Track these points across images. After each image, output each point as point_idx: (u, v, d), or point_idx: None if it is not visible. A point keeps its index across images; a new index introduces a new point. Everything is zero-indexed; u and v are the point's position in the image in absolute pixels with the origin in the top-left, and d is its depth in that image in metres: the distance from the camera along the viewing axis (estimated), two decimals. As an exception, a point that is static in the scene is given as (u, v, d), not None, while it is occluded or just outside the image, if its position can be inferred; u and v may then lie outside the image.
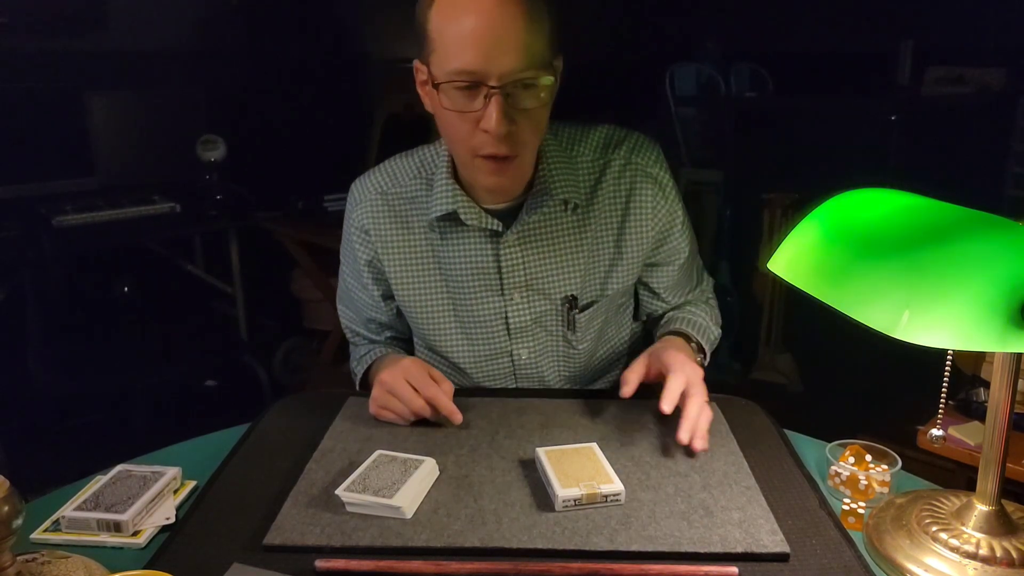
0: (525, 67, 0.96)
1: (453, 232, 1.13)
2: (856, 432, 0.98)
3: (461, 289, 1.15)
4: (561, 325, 1.18)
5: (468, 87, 0.97)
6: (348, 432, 1.01)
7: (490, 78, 0.96)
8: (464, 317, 1.17)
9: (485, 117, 0.97)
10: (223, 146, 2.78)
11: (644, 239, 1.16)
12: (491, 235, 1.12)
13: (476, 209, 1.10)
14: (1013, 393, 0.73)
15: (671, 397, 0.96)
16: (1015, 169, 2.88)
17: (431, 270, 1.16)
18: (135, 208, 2.61)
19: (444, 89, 0.98)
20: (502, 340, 1.18)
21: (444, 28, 0.97)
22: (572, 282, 1.15)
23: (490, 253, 1.13)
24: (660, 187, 1.15)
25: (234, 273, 2.87)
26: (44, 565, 0.68)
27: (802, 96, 3.34)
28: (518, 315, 1.16)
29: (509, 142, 1.00)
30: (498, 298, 1.15)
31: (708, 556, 0.76)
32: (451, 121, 1.01)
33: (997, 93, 2.97)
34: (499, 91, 0.96)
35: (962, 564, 0.73)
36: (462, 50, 0.95)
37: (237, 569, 0.73)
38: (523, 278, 1.14)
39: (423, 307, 1.18)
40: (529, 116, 1.00)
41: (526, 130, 1.01)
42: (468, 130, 1.00)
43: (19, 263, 2.40)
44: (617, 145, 1.15)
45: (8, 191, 2.53)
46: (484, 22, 0.94)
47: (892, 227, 0.70)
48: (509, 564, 0.74)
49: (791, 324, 2.76)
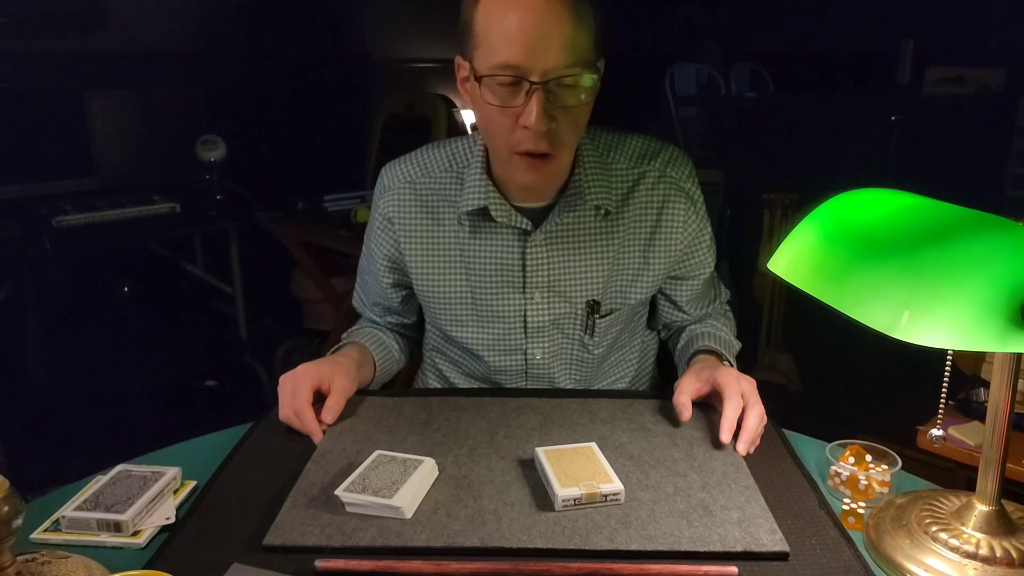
0: (569, 64, 0.96)
1: (481, 227, 1.14)
2: (856, 432, 0.98)
3: (482, 283, 1.16)
4: (579, 329, 1.18)
5: (511, 82, 0.97)
6: (348, 432, 1.01)
7: (533, 73, 0.96)
8: (482, 311, 1.18)
9: (525, 113, 0.98)
10: (223, 146, 2.78)
11: (672, 252, 1.16)
12: (519, 233, 1.13)
13: (507, 206, 1.11)
14: (1013, 393, 0.73)
15: (729, 426, 0.96)
16: (1015, 169, 2.88)
17: (454, 262, 1.17)
18: (135, 208, 2.61)
19: (487, 83, 0.99)
20: (518, 338, 1.18)
21: (490, 23, 0.97)
22: (595, 287, 1.15)
23: (516, 251, 1.13)
24: (692, 202, 1.16)
25: (234, 273, 2.87)
26: (44, 565, 0.68)
27: (802, 96, 3.35)
28: (537, 315, 1.16)
29: (548, 139, 1.00)
30: (519, 296, 1.16)
31: (707, 555, 0.76)
32: (491, 116, 1.02)
33: (997, 93, 2.97)
34: (541, 87, 0.96)
35: (962, 564, 0.73)
36: (507, 44, 0.96)
37: (237, 569, 0.73)
38: (546, 279, 1.14)
39: (442, 298, 1.19)
40: (569, 114, 1.00)
41: (565, 129, 1.01)
42: (508, 125, 1.01)
43: (19, 263, 2.40)
44: (653, 156, 1.15)
45: (8, 191, 2.53)
46: (530, 17, 0.95)
47: (892, 227, 0.70)
48: (509, 564, 0.74)
49: (791, 324, 2.76)
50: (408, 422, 1.03)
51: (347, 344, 1.22)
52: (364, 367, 1.17)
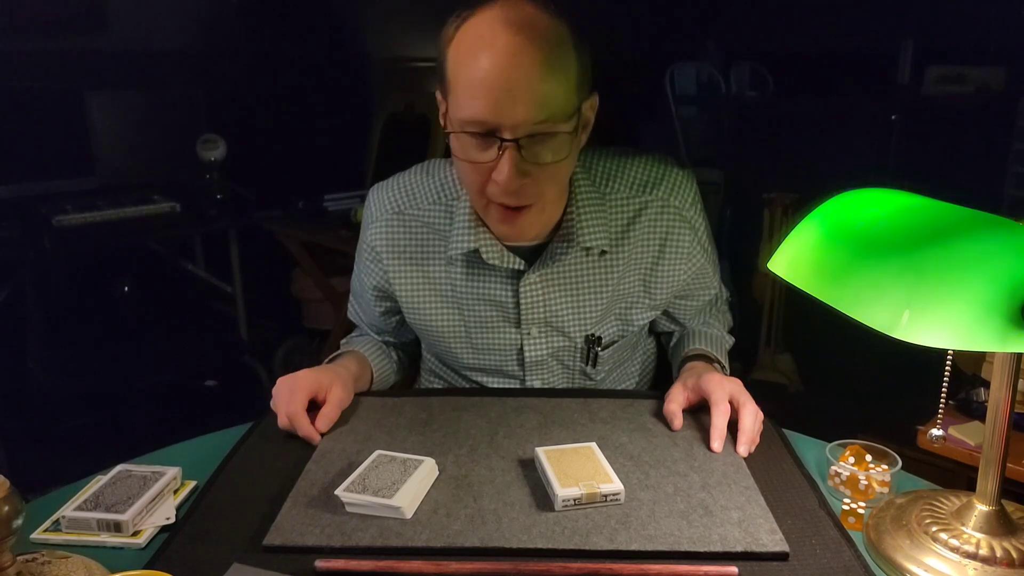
0: (541, 118, 0.90)
1: (473, 266, 1.10)
2: (856, 432, 0.98)
3: (476, 320, 1.13)
4: (579, 360, 1.16)
5: (482, 137, 0.92)
6: (347, 432, 1.01)
7: (503, 130, 0.91)
8: (477, 344, 1.15)
9: (497, 169, 0.93)
10: (223, 146, 2.78)
11: (675, 282, 1.14)
12: (512, 273, 1.09)
13: (498, 247, 1.07)
14: (1013, 393, 0.73)
15: (720, 435, 0.95)
16: (1015, 169, 2.88)
17: (445, 297, 1.13)
18: (135, 208, 2.61)
19: (457, 137, 0.95)
20: (515, 370, 1.17)
21: (458, 71, 0.92)
22: (592, 322, 1.13)
23: (509, 289, 1.10)
24: (695, 232, 1.12)
25: (234, 273, 2.87)
26: (44, 565, 0.68)
27: (802, 96, 3.34)
28: (534, 350, 1.14)
29: (523, 194, 0.96)
30: (514, 331, 1.13)
31: (708, 555, 0.76)
32: (464, 168, 0.98)
33: (997, 93, 2.97)
34: (513, 144, 0.91)
35: (962, 564, 0.73)
36: (473, 99, 0.90)
37: (237, 569, 0.73)
38: (542, 315, 1.11)
39: (435, 331, 1.16)
40: (546, 170, 0.95)
41: (544, 182, 0.96)
42: (481, 180, 0.96)
43: (19, 263, 2.41)
44: (655, 185, 1.09)
45: (8, 191, 2.53)
46: (497, 69, 0.88)
47: (892, 227, 0.70)
48: (509, 564, 0.74)
49: (791, 324, 2.76)
50: (408, 422, 1.03)
51: (345, 353, 1.19)
52: (361, 380, 1.15)
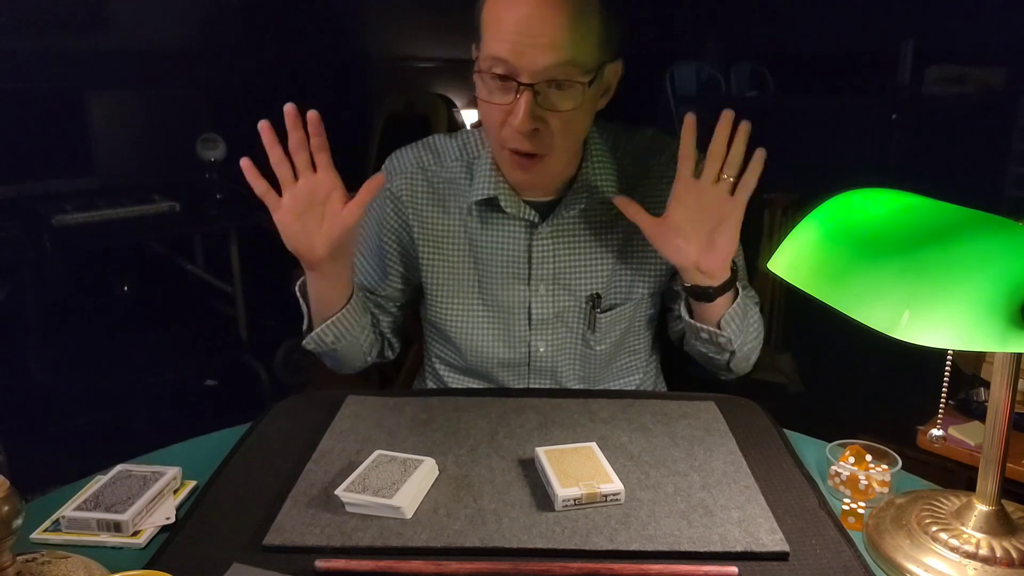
0: (559, 65, 0.96)
1: (490, 217, 1.14)
2: (856, 432, 0.98)
3: (489, 273, 1.17)
4: (582, 323, 1.18)
5: (503, 78, 0.98)
6: (348, 432, 1.01)
7: (522, 73, 0.96)
8: (488, 301, 1.18)
9: (513, 112, 0.98)
10: (223, 146, 2.78)
11: None
12: (527, 225, 1.13)
13: (516, 198, 1.12)
14: (1013, 393, 0.73)
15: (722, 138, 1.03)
16: (1015, 169, 2.88)
17: (462, 250, 1.17)
18: (135, 208, 2.61)
19: (482, 77, 1.00)
20: (523, 330, 1.19)
21: (489, 14, 0.99)
22: (599, 281, 1.16)
23: (523, 243, 1.14)
24: None
25: (234, 273, 2.87)
26: (44, 565, 0.68)
27: (802, 96, 3.35)
28: (541, 307, 1.17)
29: (535, 141, 1.00)
30: (524, 288, 1.16)
31: (708, 555, 0.76)
32: (485, 109, 1.03)
33: (997, 93, 2.97)
34: (529, 88, 0.96)
35: (962, 564, 0.73)
36: (499, 38, 0.96)
37: (237, 569, 0.73)
38: (551, 271, 1.15)
39: (449, 287, 1.19)
40: (561, 118, 1.00)
41: (556, 131, 1.01)
42: (498, 121, 1.02)
43: (19, 263, 2.40)
44: (660, 151, 1.16)
45: (8, 191, 2.53)
46: (522, 14, 0.95)
47: (892, 227, 0.70)
48: (509, 564, 0.74)
49: (791, 324, 2.76)
50: (408, 422, 1.03)
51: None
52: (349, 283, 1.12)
